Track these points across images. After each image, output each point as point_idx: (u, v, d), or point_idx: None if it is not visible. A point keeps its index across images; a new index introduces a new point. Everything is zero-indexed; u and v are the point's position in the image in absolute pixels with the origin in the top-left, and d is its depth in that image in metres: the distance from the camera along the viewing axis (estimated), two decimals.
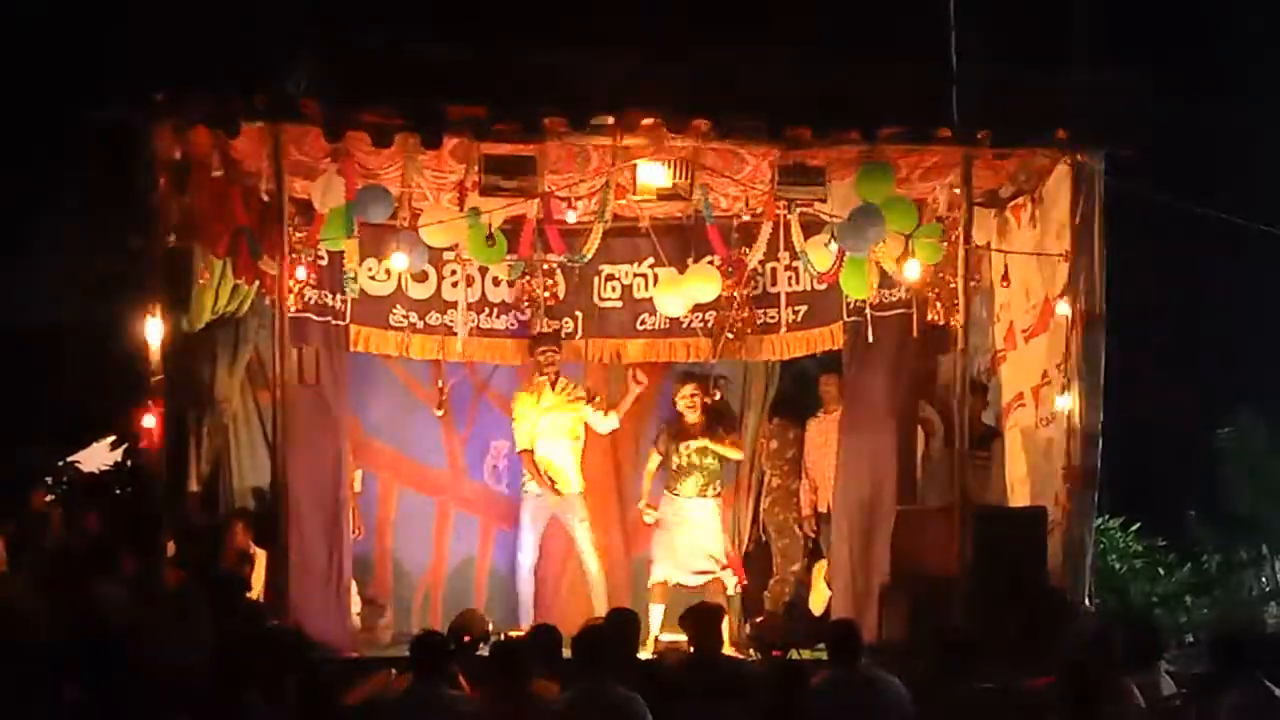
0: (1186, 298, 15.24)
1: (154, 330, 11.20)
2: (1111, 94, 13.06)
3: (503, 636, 11.73)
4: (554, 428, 13.32)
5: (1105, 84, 13.20)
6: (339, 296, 12.83)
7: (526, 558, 13.39)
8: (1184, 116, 14.32)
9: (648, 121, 11.67)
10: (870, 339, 13.05)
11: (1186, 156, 13.67)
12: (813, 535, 13.78)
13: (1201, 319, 15.37)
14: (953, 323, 12.26)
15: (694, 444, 13.19)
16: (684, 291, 13.07)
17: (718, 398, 13.41)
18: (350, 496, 12.93)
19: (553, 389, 13.30)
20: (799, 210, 12.31)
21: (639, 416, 14.07)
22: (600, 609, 12.81)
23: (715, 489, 13.25)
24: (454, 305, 13.38)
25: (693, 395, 13.21)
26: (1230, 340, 15.27)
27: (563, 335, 13.59)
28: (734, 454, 13.51)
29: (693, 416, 13.21)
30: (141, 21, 13.48)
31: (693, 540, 13.14)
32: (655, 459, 13.38)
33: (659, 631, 12.88)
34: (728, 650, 12.39)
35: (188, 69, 11.99)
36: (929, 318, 12.68)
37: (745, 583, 13.41)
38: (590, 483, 13.67)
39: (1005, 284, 12.90)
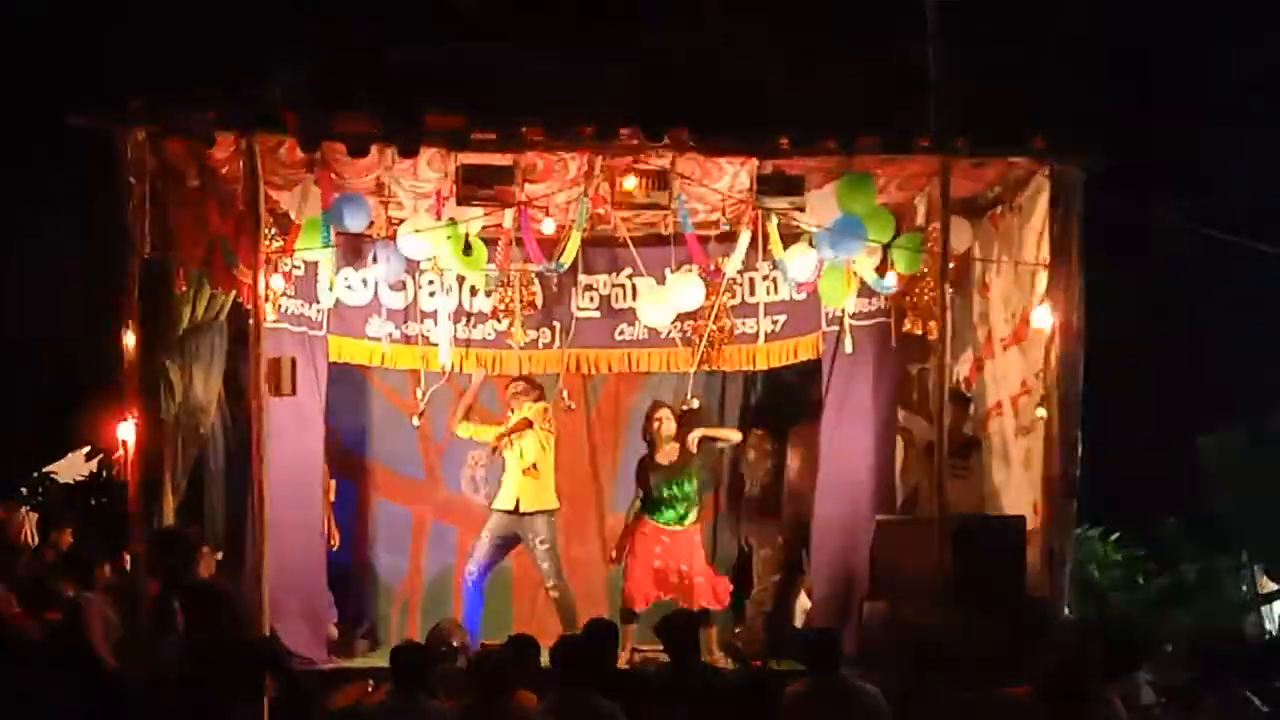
0: (1165, 306, 15.26)
1: (130, 340, 11.16)
2: (1090, 104, 13.09)
3: (480, 647, 11.73)
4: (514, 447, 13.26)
5: (1084, 94, 13.23)
6: (315, 306, 12.78)
7: (476, 566, 13.15)
8: (1163, 126, 14.36)
9: (626, 131, 11.67)
10: (849, 348, 13.04)
11: (1166, 166, 13.70)
12: (792, 544, 13.73)
13: (1179, 328, 15.39)
14: (931, 332, 12.25)
15: (674, 480, 13.04)
16: (667, 301, 13.04)
17: (695, 405, 13.34)
18: (325, 507, 12.88)
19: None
20: (777, 219, 12.31)
21: (615, 427, 14.08)
22: (566, 630, 12.75)
23: (694, 515, 13.14)
24: (431, 315, 13.33)
25: (663, 418, 13.07)
26: (1209, 348, 15.29)
27: (540, 345, 13.55)
28: (732, 434, 13.47)
29: (670, 454, 13.06)
30: (118, 30, 13.46)
31: (669, 565, 12.98)
32: (636, 504, 13.23)
33: (637, 642, 12.81)
34: (716, 658, 12.41)
35: (165, 77, 11.97)
36: (907, 327, 12.68)
37: (724, 606, 13.22)
38: (567, 493, 13.63)
39: (984, 293, 12.91)
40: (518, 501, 13.03)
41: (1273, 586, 14.92)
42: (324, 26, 13.22)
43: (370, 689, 10.85)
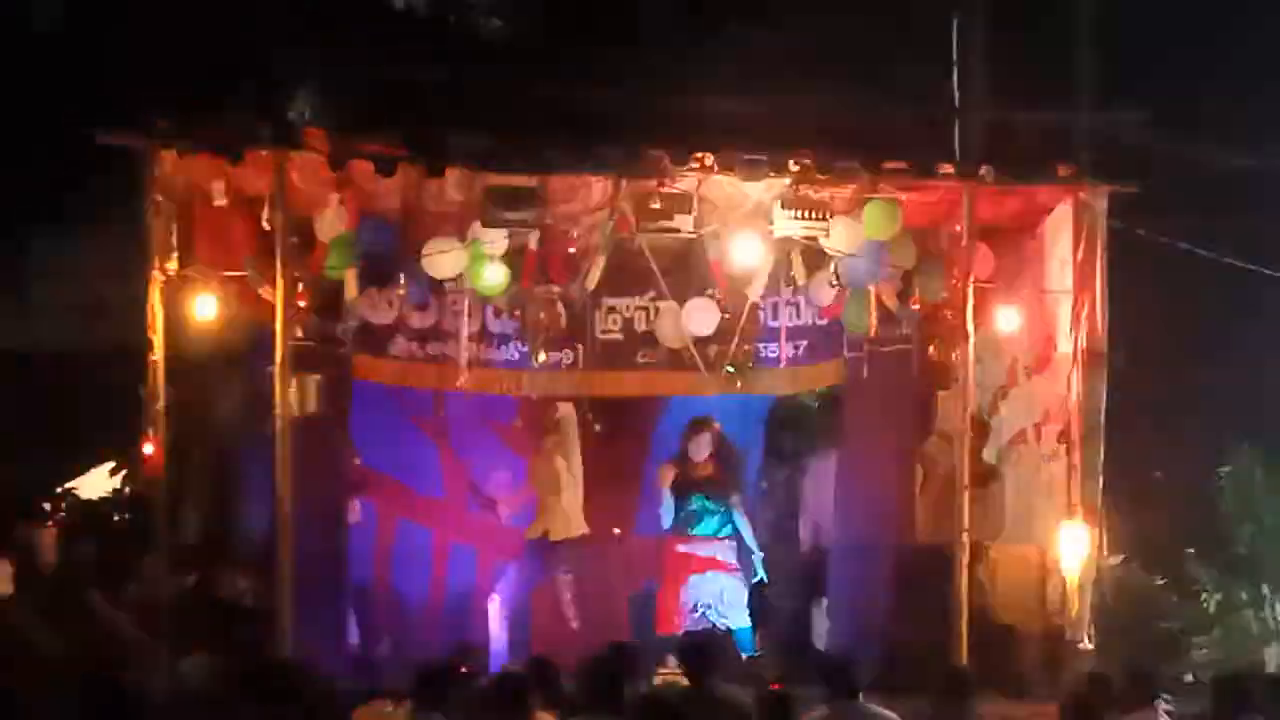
0: (1187, 336, 15.24)
1: (155, 357, 11.20)
2: (1115, 132, 13.09)
3: (501, 668, 11.72)
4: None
5: (1109, 122, 13.24)
6: (340, 325, 12.78)
7: (507, 596, 13.23)
8: (1187, 155, 14.34)
9: (652, 154, 11.70)
10: (871, 375, 13.04)
11: (1189, 195, 13.68)
12: (811, 570, 13.73)
13: (1201, 357, 15.37)
14: (954, 359, 12.25)
15: (704, 498, 13.10)
16: (682, 325, 13.04)
17: (717, 428, 13.33)
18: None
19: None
20: (801, 244, 12.34)
21: (639, 453, 14.05)
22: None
23: (729, 529, 13.20)
24: (455, 335, 13.31)
25: (707, 447, 13.13)
26: (1230, 379, 15.26)
27: (562, 367, 13.53)
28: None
29: (705, 469, 13.12)
30: (147, 46, 13.50)
31: (704, 588, 13.03)
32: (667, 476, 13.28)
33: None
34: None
35: (193, 95, 12.01)
36: (930, 354, 12.68)
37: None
38: (589, 517, 13.63)
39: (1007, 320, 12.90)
40: (546, 531, 13.10)
41: None
42: (345, 54, 13.25)
43: (389, 709, 10.84)
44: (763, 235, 12.42)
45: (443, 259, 12.16)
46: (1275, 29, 15.50)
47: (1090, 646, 11.90)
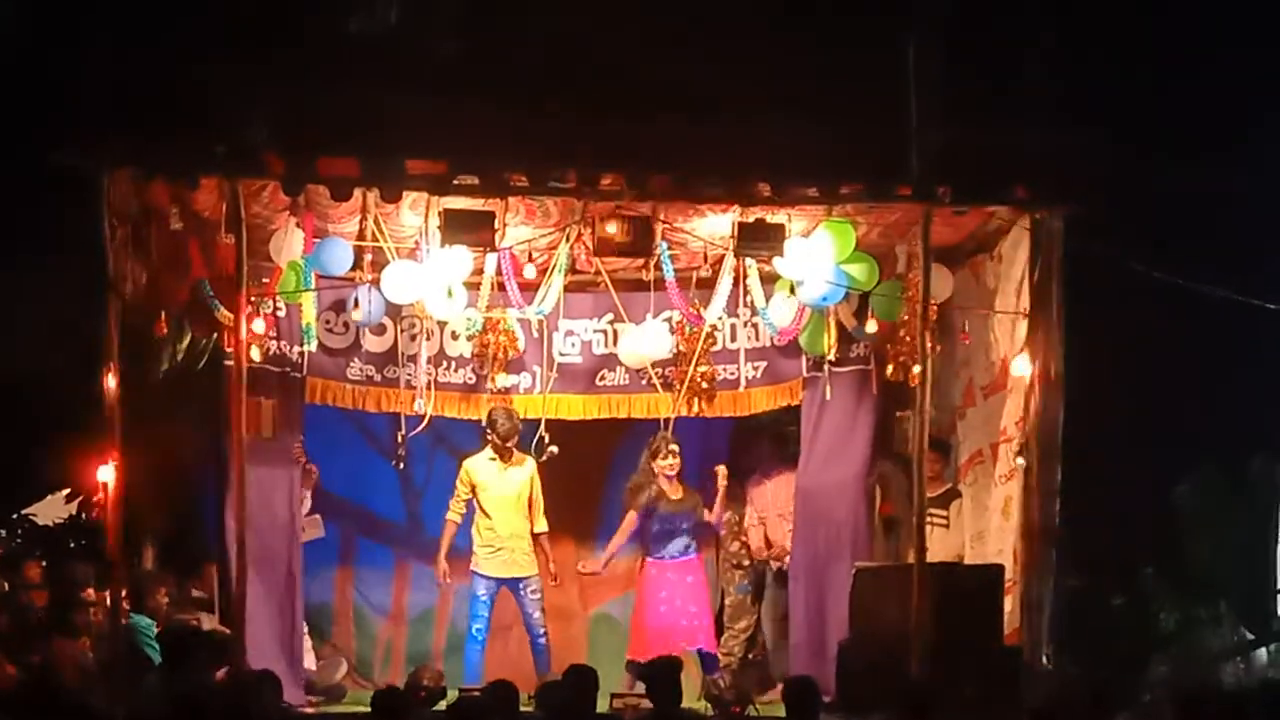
0: (1143, 355, 15.27)
1: (110, 382, 11.15)
2: (1071, 153, 13.12)
3: (459, 693, 11.70)
4: (508, 501, 13.27)
5: (1064, 143, 13.27)
6: (296, 349, 12.73)
7: (484, 625, 13.15)
8: (1142, 177, 14.37)
9: (608, 180, 11.70)
10: (829, 395, 13.05)
11: (1144, 217, 13.72)
12: (755, 590, 13.72)
13: (1158, 376, 15.39)
14: (912, 379, 12.28)
15: (683, 513, 13.16)
16: (638, 347, 13.04)
17: (675, 449, 13.31)
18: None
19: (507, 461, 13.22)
20: (758, 265, 12.37)
21: (596, 473, 14.02)
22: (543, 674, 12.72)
23: (696, 546, 13.26)
24: (412, 359, 13.26)
25: (675, 451, 13.17)
26: (1187, 397, 15.30)
27: (520, 390, 13.48)
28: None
29: (675, 493, 13.18)
30: (100, 69, 13.43)
31: (678, 605, 13.07)
32: (631, 517, 13.30)
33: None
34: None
35: (147, 118, 11.95)
36: (888, 374, 12.71)
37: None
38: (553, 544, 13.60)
39: (965, 341, 12.94)
40: (517, 568, 13.10)
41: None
42: (300, 77, 13.20)
43: None
44: (720, 257, 12.50)
45: (400, 283, 12.12)
46: (1237, 48, 15.56)
47: (1049, 665, 11.91)
